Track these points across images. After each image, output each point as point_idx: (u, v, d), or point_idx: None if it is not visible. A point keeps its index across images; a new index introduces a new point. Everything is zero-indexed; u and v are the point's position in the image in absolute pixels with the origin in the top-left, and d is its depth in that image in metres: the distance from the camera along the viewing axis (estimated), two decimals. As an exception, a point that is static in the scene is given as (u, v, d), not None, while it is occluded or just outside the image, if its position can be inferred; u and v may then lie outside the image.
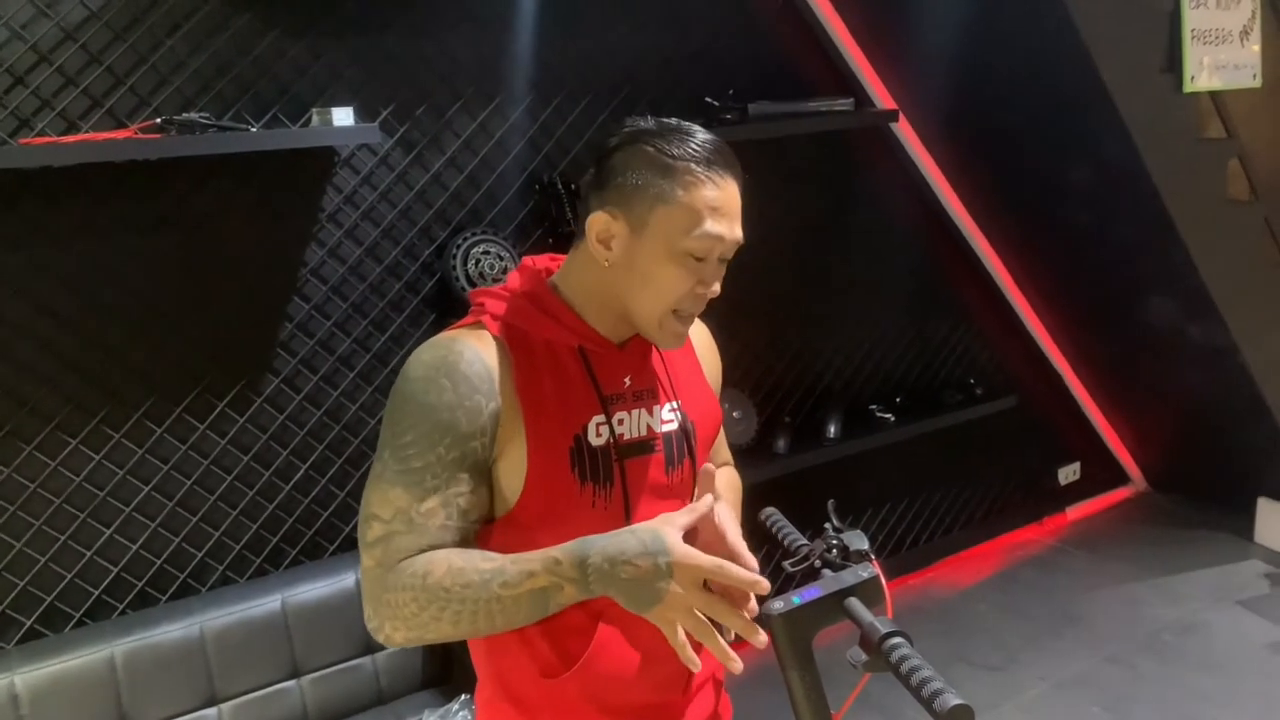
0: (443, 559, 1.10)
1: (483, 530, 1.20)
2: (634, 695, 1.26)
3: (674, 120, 1.20)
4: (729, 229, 1.17)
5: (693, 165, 1.14)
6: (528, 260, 1.29)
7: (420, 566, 1.09)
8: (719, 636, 1.06)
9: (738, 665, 1.04)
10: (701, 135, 1.18)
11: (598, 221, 1.18)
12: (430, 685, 2.49)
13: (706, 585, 1.05)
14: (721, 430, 1.48)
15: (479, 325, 1.21)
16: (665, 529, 1.07)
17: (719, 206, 1.15)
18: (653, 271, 1.16)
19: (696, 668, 1.08)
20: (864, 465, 3.42)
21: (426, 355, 1.17)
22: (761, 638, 1.06)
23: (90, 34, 2.20)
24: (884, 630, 1.04)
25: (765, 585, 1.05)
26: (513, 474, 1.18)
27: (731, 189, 1.17)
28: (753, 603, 1.10)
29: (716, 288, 1.21)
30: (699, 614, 1.04)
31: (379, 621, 1.12)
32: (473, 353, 1.16)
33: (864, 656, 1.05)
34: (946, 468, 3.84)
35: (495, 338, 1.19)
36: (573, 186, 2.74)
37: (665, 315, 1.19)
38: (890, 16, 3.22)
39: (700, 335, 1.42)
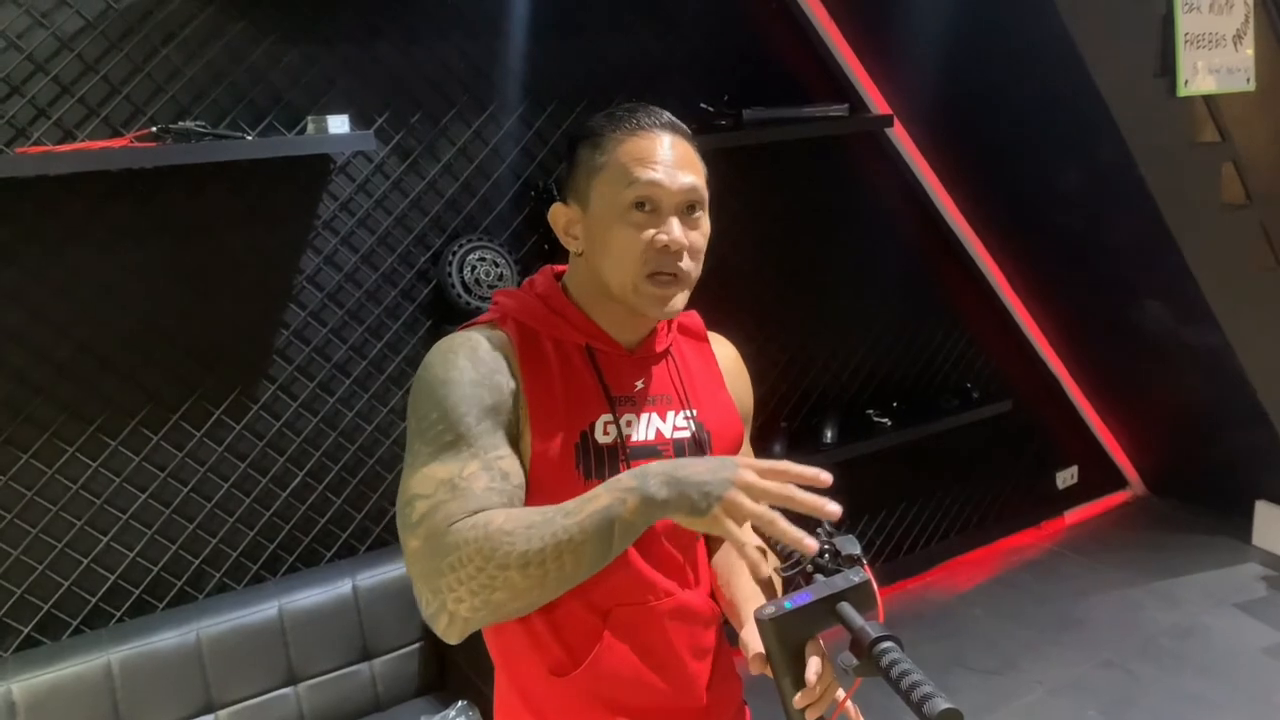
0: (499, 511, 1.06)
1: None
2: (642, 697, 1.26)
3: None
4: (665, 175, 1.16)
5: (616, 130, 1.19)
6: (546, 268, 1.32)
7: (480, 519, 1.04)
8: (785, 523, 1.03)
9: (835, 509, 1.02)
10: (628, 106, 1.22)
11: (556, 215, 1.24)
12: (427, 691, 2.49)
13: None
14: None
15: (492, 324, 1.24)
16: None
17: (646, 156, 1.17)
18: (607, 238, 1.18)
19: (765, 572, 1.06)
20: (861, 470, 3.42)
21: (444, 345, 1.19)
22: (833, 508, 1.03)
23: (86, 43, 2.21)
24: (874, 635, 1.03)
25: (828, 478, 1.03)
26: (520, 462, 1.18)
27: (661, 137, 1.18)
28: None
29: (677, 233, 1.17)
30: (761, 507, 1.01)
31: (439, 602, 1.03)
32: (487, 344, 1.19)
33: (855, 661, 1.04)
34: (943, 472, 3.84)
35: (506, 335, 1.21)
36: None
37: (639, 279, 1.17)
38: (885, 22, 3.23)
39: (726, 352, 1.42)
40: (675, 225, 1.17)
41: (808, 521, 1.22)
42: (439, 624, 1.05)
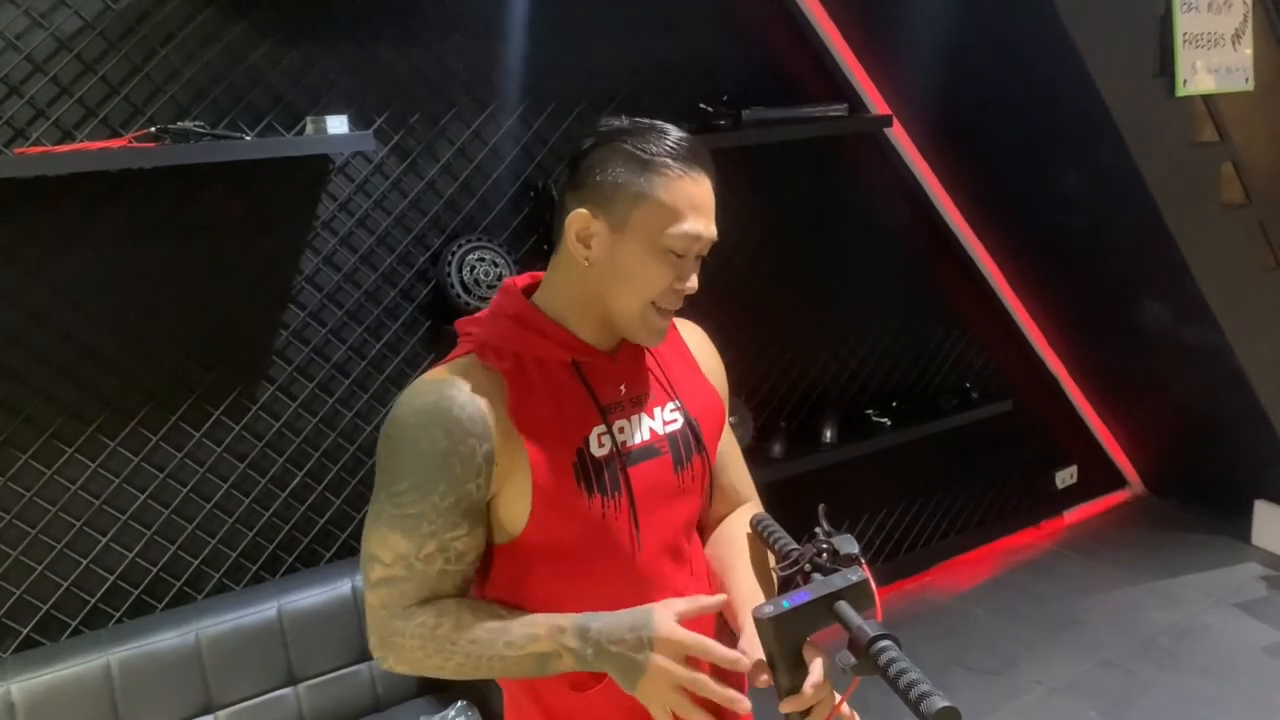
0: (452, 611, 1.15)
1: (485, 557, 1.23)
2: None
3: (647, 120, 1.21)
4: (706, 226, 1.18)
5: (670, 162, 1.15)
6: (508, 281, 1.30)
7: (430, 617, 1.15)
8: (703, 715, 1.11)
9: (746, 706, 1.10)
10: (676, 133, 1.19)
11: (577, 220, 1.18)
12: (427, 692, 2.49)
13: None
14: (740, 460, 1.50)
15: (469, 357, 1.21)
16: (659, 609, 1.12)
17: (698, 203, 1.17)
18: (634, 269, 1.17)
19: None
20: (860, 470, 3.42)
21: (419, 401, 1.17)
22: (745, 704, 1.10)
23: (84, 43, 2.21)
24: (872, 634, 1.04)
25: (746, 664, 1.10)
26: (516, 502, 1.18)
27: (707, 186, 1.19)
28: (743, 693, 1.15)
29: (694, 283, 1.22)
30: (682, 693, 1.10)
31: (383, 653, 1.18)
32: (465, 395, 1.16)
33: (852, 660, 1.04)
34: (943, 472, 3.84)
35: (487, 368, 1.19)
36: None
37: (646, 309, 1.20)
38: (884, 22, 3.23)
39: (694, 335, 1.44)
40: (694, 271, 1.21)
41: (811, 522, 1.23)
42: (382, 665, 1.20)
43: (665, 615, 1.11)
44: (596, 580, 1.21)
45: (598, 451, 1.21)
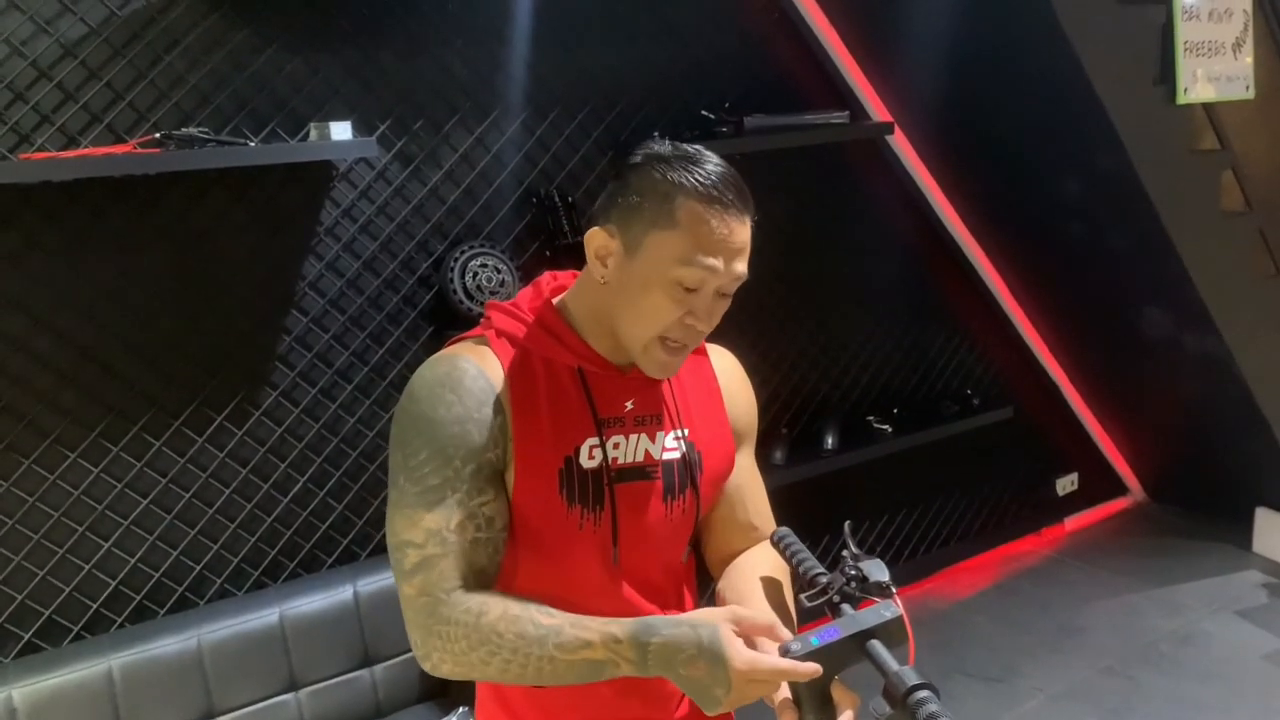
0: (498, 602, 1.09)
1: None
2: (618, 712, 1.26)
3: (692, 147, 1.17)
4: (724, 264, 1.12)
5: (694, 196, 1.11)
6: (545, 276, 1.29)
7: (475, 604, 1.09)
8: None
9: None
10: (711, 166, 1.14)
11: (596, 237, 1.17)
12: (428, 698, 2.48)
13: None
14: (763, 496, 1.42)
15: (482, 340, 1.22)
16: (723, 629, 1.04)
17: (715, 240, 1.11)
18: (640, 296, 1.14)
19: None
20: (861, 476, 3.41)
21: (429, 373, 1.17)
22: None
23: (90, 50, 2.22)
24: (910, 683, 0.97)
25: (815, 671, 1.02)
26: (509, 482, 1.19)
27: (734, 224, 1.13)
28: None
29: (712, 319, 1.17)
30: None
31: (427, 650, 1.11)
32: (475, 368, 1.17)
33: (887, 709, 0.98)
34: (944, 479, 3.84)
35: (495, 354, 1.20)
36: (569, 200, 2.75)
37: (651, 342, 1.16)
38: (885, 30, 3.24)
39: (726, 365, 1.39)
40: (710, 307, 1.16)
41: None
42: (425, 665, 1.13)
43: (732, 639, 1.04)
44: (575, 588, 1.20)
45: (587, 463, 1.20)
